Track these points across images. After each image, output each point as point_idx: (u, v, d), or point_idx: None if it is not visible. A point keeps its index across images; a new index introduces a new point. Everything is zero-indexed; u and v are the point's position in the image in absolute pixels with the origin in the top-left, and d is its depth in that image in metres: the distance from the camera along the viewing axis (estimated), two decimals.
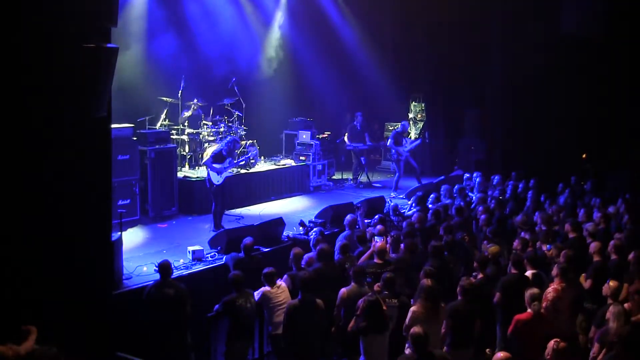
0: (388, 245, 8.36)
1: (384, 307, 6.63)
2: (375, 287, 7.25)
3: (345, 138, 15.60)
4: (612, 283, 6.82)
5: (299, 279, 7.17)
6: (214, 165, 10.86)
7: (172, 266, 7.72)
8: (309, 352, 6.93)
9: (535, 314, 6.41)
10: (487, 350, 7.15)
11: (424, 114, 18.25)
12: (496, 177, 13.28)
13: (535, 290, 6.62)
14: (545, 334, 5.97)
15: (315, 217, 11.20)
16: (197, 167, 13.39)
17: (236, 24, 15.63)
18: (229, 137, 11.67)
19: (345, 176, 16.14)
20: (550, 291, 6.94)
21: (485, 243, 8.92)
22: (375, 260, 7.89)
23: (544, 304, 6.64)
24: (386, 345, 6.64)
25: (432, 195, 11.76)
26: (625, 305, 6.42)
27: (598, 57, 14.81)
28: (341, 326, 7.09)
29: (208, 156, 11.12)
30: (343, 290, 7.18)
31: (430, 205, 11.15)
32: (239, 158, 12.29)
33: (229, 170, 11.15)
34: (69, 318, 6.64)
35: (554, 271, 7.21)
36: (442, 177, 14.57)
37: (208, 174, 10.98)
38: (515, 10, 15.32)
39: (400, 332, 6.64)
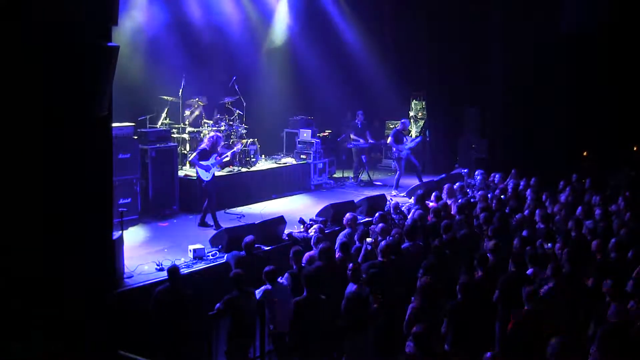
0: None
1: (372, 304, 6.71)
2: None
3: (352, 136, 15.60)
4: (612, 281, 6.81)
5: (303, 276, 7.19)
6: (200, 162, 10.92)
7: (180, 270, 7.72)
8: (314, 349, 6.94)
9: (532, 312, 6.41)
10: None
11: (424, 112, 18.24)
12: (497, 175, 13.27)
13: (532, 287, 6.62)
14: (544, 332, 5.97)
15: (316, 216, 11.20)
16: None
17: (238, 22, 15.63)
18: (213, 134, 11.70)
19: (346, 174, 16.14)
20: (546, 289, 6.93)
21: (486, 241, 8.93)
22: (380, 259, 7.92)
23: (539, 302, 6.64)
24: (369, 343, 6.70)
25: (433, 194, 11.75)
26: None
27: (598, 55, 14.81)
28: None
29: (194, 154, 11.24)
30: None
31: (431, 204, 11.14)
32: (222, 155, 12.06)
33: (217, 167, 11.25)
34: (71, 317, 6.65)
35: (549, 270, 7.20)
36: (444, 175, 14.56)
37: (197, 171, 11.06)
38: (515, 8, 15.30)
39: (390, 329, 6.68)
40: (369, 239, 8.65)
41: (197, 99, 13.92)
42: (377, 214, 9.97)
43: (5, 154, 6.32)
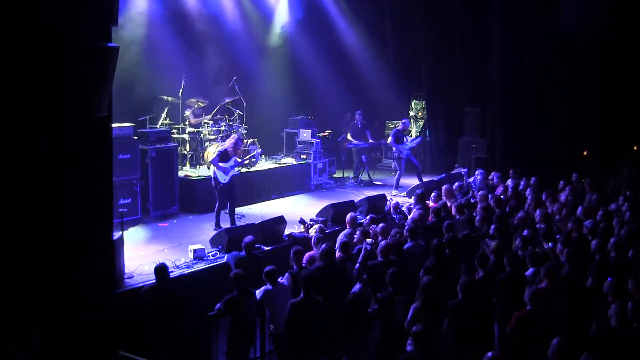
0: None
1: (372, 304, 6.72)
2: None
3: (349, 136, 15.62)
4: (612, 281, 6.81)
5: (301, 277, 7.18)
6: (220, 164, 10.86)
7: (168, 269, 7.65)
8: (311, 351, 6.94)
9: (535, 312, 6.41)
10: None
11: (424, 112, 18.24)
12: (496, 175, 13.27)
13: (536, 287, 6.63)
14: (545, 332, 5.98)
15: (317, 216, 11.20)
16: (197, 166, 13.41)
17: (237, 22, 15.63)
18: (234, 135, 11.67)
19: (346, 174, 16.14)
20: (540, 291, 6.91)
21: (486, 241, 8.93)
22: (380, 259, 7.92)
23: (541, 302, 6.63)
24: (369, 343, 6.68)
25: (433, 194, 11.75)
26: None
27: (598, 55, 14.81)
28: None
29: (214, 155, 11.12)
30: None
31: (430, 204, 11.15)
32: (243, 157, 12.25)
33: (236, 169, 11.17)
34: (71, 317, 6.66)
35: (542, 272, 7.18)
36: (444, 175, 14.56)
37: (214, 173, 10.99)
38: (515, 8, 15.31)
39: (393, 329, 6.69)
40: (368, 239, 8.64)
41: (197, 99, 13.92)
42: (368, 217, 9.99)
43: (6, 153, 6.32)
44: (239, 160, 11.31)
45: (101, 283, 7.35)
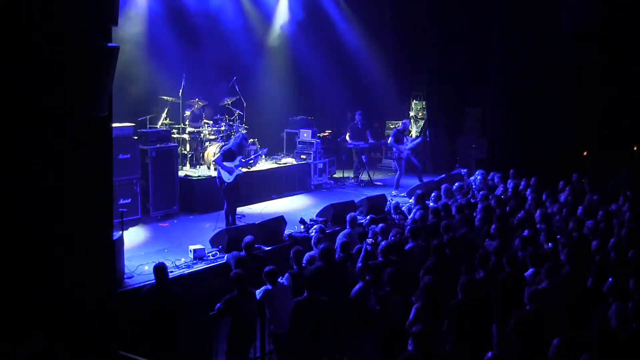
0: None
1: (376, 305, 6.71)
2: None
3: (347, 137, 15.63)
4: (612, 281, 6.81)
5: (304, 276, 7.18)
6: (224, 163, 10.84)
7: (167, 268, 7.67)
8: (312, 350, 6.94)
9: (535, 312, 6.41)
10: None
11: (424, 112, 18.25)
12: (496, 175, 13.27)
13: (536, 288, 6.63)
14: (545, 332, 5.98)
15: (317, 216, 11.20)
16: (198, 166, 13.41)
17: (237, 21, 15.63)
18: (238, 134, 11.63)
19: (346, 174, 16.14)
20: (540, 291, 6.92)
21: (486, 241, 8.93)
22: (380, 259, 7.92)
23: (541, 302, 6.64)
24: (373, 344, 6.69)
25: (433, 194, 11.75)
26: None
27: (598, 54, 14.82)
28: None
29: (218, 154, 11.07)
30: None
31: (431, 204, 11.15)
32: (249, 156, 12.22)
33: (240, 168, 11.16)
34: (71, 317, 6.65)
35: (542, 272, 7.18)
36: (444, 175, 14.56)
37: (219, 172, 10.96)
38: (515, 8, 15.32)
39: (404, 329, 6.68)
40: (369, 240, 8.65)
41: (196, 99, 13.92)
42: (368, 217, 9.98)
43: (6, 153, 6.32)
44: (244, 160, 11.28)
45: (101, 283, 7.34)
